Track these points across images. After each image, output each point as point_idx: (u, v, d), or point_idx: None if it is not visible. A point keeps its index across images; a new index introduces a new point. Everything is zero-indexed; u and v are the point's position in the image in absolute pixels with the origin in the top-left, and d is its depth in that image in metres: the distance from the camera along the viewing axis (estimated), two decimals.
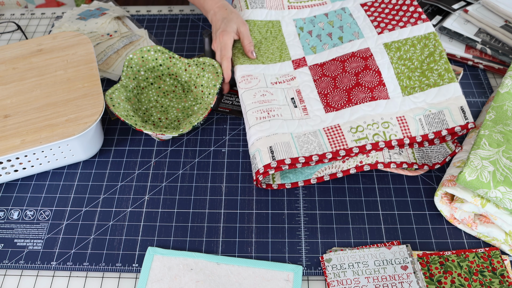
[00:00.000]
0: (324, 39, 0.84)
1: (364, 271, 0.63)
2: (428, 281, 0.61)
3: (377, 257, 0.64)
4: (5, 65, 0.80)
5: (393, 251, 0.64)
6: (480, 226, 0.65)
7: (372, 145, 0.68)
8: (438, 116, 0.70)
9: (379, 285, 0.61)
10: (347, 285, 0.62)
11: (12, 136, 0.68)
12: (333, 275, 0.63)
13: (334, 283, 0.62)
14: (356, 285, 0.62)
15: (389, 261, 0.64)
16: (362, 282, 0.62)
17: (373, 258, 0.64)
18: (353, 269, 0.63)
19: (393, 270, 0.63)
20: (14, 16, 1.06)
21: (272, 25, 0.87)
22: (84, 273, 0.65)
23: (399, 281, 0.61)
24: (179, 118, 0.81)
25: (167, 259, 0.65)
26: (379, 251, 0.65)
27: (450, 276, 0.61)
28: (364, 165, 0.70)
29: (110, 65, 0.89)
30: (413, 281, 0.61)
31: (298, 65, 0.81)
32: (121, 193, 0.73)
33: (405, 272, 0.62)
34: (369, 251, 0.65)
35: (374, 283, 0.62)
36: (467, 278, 0.61)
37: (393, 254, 0.64)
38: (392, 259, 0.64)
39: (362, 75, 0.77)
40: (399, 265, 0.63)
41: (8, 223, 0.70)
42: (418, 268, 0.63)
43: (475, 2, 0.97)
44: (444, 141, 0.71)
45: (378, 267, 0.63)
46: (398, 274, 0.62)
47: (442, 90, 0.73)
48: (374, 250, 0.65)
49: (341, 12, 0.87)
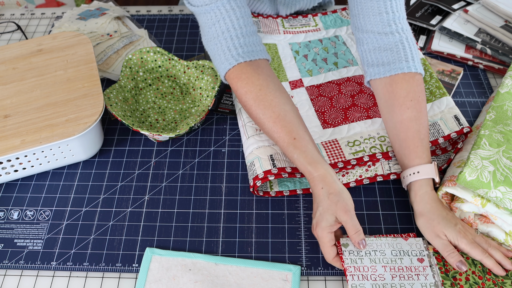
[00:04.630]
0: (319, 64, 0.87)
1: (381, 259, 0.62)
2: (444, 276, 0.61)
3: (394, 247, 0.64)
4: (5, 65, 0.80)
5: (409, 242, 0.64)
6: (480, 226, 0.65)
7: (369, 157, 0.70)
8: (434, 126, 0.72)
9: (395, 275, 0.61)
10: (364, 272, 0.61)
11: (12, 136, 0.68)
12: (350, 260, 0.62)
13: (351, 269, 0.61)
14: (373, 273, 0.61)
15: (405, 252, 0.63)
16: (379, 270, 0.61)
17: (390, 248, 0.63)
18: (370, 257, 0.62)
19: (410, 262, 0.62)
20: (14, 16, 1.07)
21: (269, 48, 0.90)
22: (84, 273, 0.65)
23: (415, 273, 0.61)
24: (176, 119, 0.81)
25: (166, 260, 0.65)
26: (396, 241, 0.64)
27: (464, 273, 0.61)
28: (364, 178, 0.71)
29: (110, 65, 0.89)
30: (429, 274, 0.61)
31: (295, 86, 0.83)
32: (121, 193, 0.73)
33: (421, 264, 0.62)
34: (386, 240, 0.64)
35: (391, 272, 0.61)
36: (481, 277, 0.61)
37: (410, 245, 0.64)
38: (409, 251, 0.63)
39: (358, 97, 0.80)
40: (415, 257, 0.63)
41: (8, 223, 0.70)
42: (434, 262, 0.62)
43: (475, 2, 0.97)
44: (446, 152, 0.72)
45: (395, 257, 0.62)
46: (414, 266, 0.62)
47: (435, 104, 0.75)
48: (391, 240, 0.64)
49: (335, 40, 0.91)
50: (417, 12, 0.98)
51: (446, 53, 0.91)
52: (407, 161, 0.67)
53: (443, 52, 0.91)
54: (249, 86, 0.68)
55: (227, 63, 0.70)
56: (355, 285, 0.60)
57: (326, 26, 0.93)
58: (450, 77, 0.87)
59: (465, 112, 0.83)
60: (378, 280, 0.60)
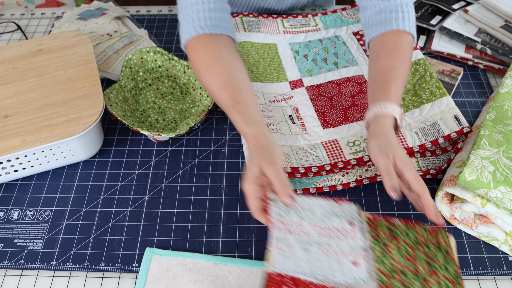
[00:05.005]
0: (319, 64, 0.87)
1: (310, 217, 0.59)
2: (374, 242, 0.59)
3: (325, 208, 0.61)
4: (5, 65, 0.80)
5: (342, 206, 0.62)
6: (480, 226, 0.65)
7: (369, 157, 0.69)
8: (434, 126, 0.72)
9: (322, 233, 0.58)
10: (289, 227, 0.58)
11: (12, 136, 0.68)
12: (276, 214, 0.59)
13: (275, 222, 0.58)
14: (298, 228, 0.58)
15: (336, 214, 0.60)
16: (306, 227, 0.58)
17: (321, 208, 0.61)
18: (297, 213, 0.59)
19: (340, 224, 0.59)
20: (14, 16, 1.07)
21: (269, 48, 0.90)
22: (84, 273, 0.65)
23: (343, 234, 0.59)
24: (176, 119, 0.81)
25: (165, 260, 0.65)
26: (328, 203, 0.61)
27: (396, 241, 0.59)
28: (364, 178, 0.71)
29: (110, 65, 0.89)
30: (359, 238, 0.59)
31: (295, 85, 0.83)
32: (121, 193, 0.73)
33: (351, 228, 0.60)
34: (318, 201, 0.61)
35: (318, 230, 0.58)
36: (413, 248, 0.59)
37: (342, 209, 0.61)
38: (340, 214, 0.61)
39: (358, 97, 0.80)
40: (346, 220, 0.60)
41: (8, 223, 0.70)
42: (366, 228, 0.60)
43: (475, 2, 0.97)
44: (446, 152, 0.72)
45: (324, 217, 0.60)
46: (344, 228, 0.59)
47: (435, 104, 0.75)
48: (323, 201, 0.61)
49: (335, 40, 0.91)
50: (417, 12, 0.98)
51: (446, 53, 0.91)
52: (377, 98, 0.67)
53: (443, 52, 0.91)
54: (201, 55, 0.69)
55: (188, 33, 0.71)
56: (278, 238, 0.57)
57: (326, 26, 0.94)
58: (450, 77, 0.87)
59: (465, 112, 0.83)
60: (303, 236, 0.58)
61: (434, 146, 0.73)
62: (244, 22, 0.93)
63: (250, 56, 0.86)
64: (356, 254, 0.57)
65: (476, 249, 0.66)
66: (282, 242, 0.57)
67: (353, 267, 0.56)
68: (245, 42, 0.88)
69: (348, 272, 0.56)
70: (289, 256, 0.56)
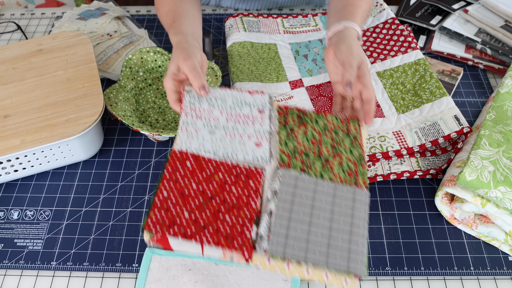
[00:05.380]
0: (319, 64, 0.87)
1: (221, 105, 0.64)
2: (281, 127, 0.63)
3: (237, 98, 0.66)
4: (5, 65, 0.80)
5: (254, 96, 0.66)
6: (480, 226, 0.65)
7: (369, 157, 0.69)
8: (434, 126, 0.72)
9: (231, 119, 0.63)
10: (199, 113, 0.63)
11: (12, 136, 0.68)
12: (188, 102, 0.64)
13: (186, 109, 0.63)
14: (208, 114, 0.63)
15: (247, 103, 0.65)
16: (215, 113, 0.63)
17: (233, 98, 0.65)
18: (209, 102, 0.65)
19: (249, 111, 0.64)
20: (14, 16, 1.07)
21: (269, 47, 0.90)
22: (84, 273, 0.65)
23: (251, 120, 0.63)
24: (176, 119, 0.81)
25: (165, 260, 0.65)
26: (241, 94, 0.66)
27: (304, 128, 0.63)
28: None
29: (110, 65, 0.89)
30: (266, 124, 0.63)
31: (295, 86, 0.83)
32: (121, 193, 0.73)
33: (260, 115, 0.63)
34: (231, 92, 0.66)
35: (227, 117, 0.63)
36: (320, 133, 0.63)
37: (254, 99, 0.65)
38: (251, 103, 0.65)
39: None
40: (256, 108, 0.64)
41: (8, 223, 0.70)
42: (275, 115, 0.65)
43: (475, 2, 0.97)
44: (446, 152, 0.72)
45: (235, 105, 0.65)
46: (253, 115, 0.64)
47: (435, 104, 0.75)
48: (237, 93, 0.66)
49: None
50: (417, 12, 0.98)
51: (446, 53, 0.91)
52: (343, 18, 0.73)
53: (443, 52, 0.91)
54: None
55: None
56: (187, 122, 0.62)
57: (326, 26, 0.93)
58: (450, 77, 0.87)
59: (465, 112, 0.83)
60: (211, 121, 0.62)
61: (434, 146, 0.73)
62: (244, 22, 0.93)
63: (250, 56, 0.86)
64: (261, 137, 0.61)
65: (476, 249, 0.66)
66: (190, 126, 0.62)
67: (256, 147, 0.61)
68: (245, 42, 0.89)
69: (250, 151, 0.61)
70: (195, 137, 0.61)
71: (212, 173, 0.58)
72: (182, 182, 0.57)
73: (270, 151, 0.61)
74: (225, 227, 0.54)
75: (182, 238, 0.53)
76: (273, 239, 0.54)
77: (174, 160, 0.58)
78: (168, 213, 0.54)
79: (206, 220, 0.54)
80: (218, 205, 0.56)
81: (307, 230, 0.54)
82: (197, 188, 0.56)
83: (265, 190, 0.58)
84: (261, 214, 0.56)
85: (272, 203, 0.57)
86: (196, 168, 0.58)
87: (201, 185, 0.57)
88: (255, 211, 0.56)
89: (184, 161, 0.58)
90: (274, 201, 0.57)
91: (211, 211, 0.55)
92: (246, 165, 0.59)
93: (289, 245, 0.53)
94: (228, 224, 0.54)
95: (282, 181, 0.58)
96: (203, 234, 0.53)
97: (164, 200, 0.55)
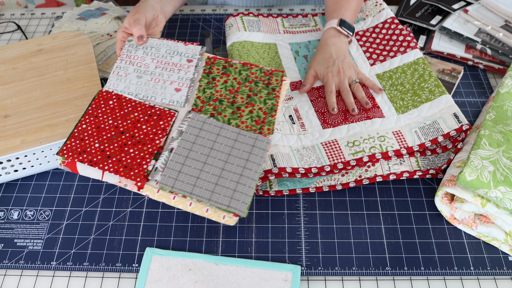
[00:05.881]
0: None
1: (154, 54, 0.73)
2: (204, 75, 0.71)
3: (171, 48, 0.74)
4: (5, 65, 0.80)
5: (188, 47, 0.73)
6: (480, 226, 0.65)
7: (369, 157, 0.69)
8: (433, 125, 0.72)
9: (159, 66, 0.71)
10: (133, 60, 0.72)
11: (12, 136, 0.68)
12: (127, 50, 0.73)
13: (123, 56, 0.73)
14: (140, 61, 0.72)
15: (179, 53, 0.73)
16: (147, 61, 0.72)
17: (167, 48, 0.74)
18: (145, 50, 0.73)
19: (179, 60, 0.72)
20: (14, 16, 1.07)
21: (269, 47, 0.90)
22: (84, 273, 0.65)
23: (178, 68, 0.71)
24: None
25: (166, 260, 0.65)
26: (176, 45, 0.74)
27: (226, 77, 0.69)
28: (363, 179, 0.71)
29: (110, 65, 0.89)
30: (190, 72, 0.71)
31: (295, 87, 0.83)
32: (121, 193, 0.73)
33: (188, 64, 0.72)
34: (167, 42, 0.74)
35: (157, 64, 0.72)
36: (240, 83, 0.69)
37: (186, 49, 0.73)
38: (183, 53, 0.73)
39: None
40: (186, 58, 0.72)
41: (8, 223, 0.70)
42: (202, 64, 0.72)
43: (475, 2, 0.97)
44: (447, 150, 0.72)
45: (167, 54, 0.73)
46: (181, 63, 0.72)
47: (434, 103, 0.75)
48: (172, 43, 0.74)
49: None
50: (417, 12, 0.98)
51: (446, 53, 0.91)
52: (335, 16, 0.85)
53: (443, 52, 0.91)
54: None
55: None
56: (120, 66, 0.71)
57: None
58: (450, 76, 0.87)
59: (465, 112, 0.83)
60: (142, 67, 0.71)
61: (434, 144, 0.73)
62: (244, 22, 0.93)
63: (250, 55, 0.86)
64: (182, 83, 0.69)
65: (476, 249, 0.66)
66: (122, 70, 0.71)
67: (175, 92, 0.69)
68: (245, 41, 0.89)
69: (168, 96, 0.68)
70: (123, 80, 0.70)
71: (129, 112, 0.66)
72: (101, 117, 0.65)
73: (187, 96, 0.68)
74: (127, 158, 0.62)
75: (88, 164, 0.61)
76: (166, 172, 0.60)
77: (99, 99, 0.67)
78: (82, 143, 0.62)
79: (112, 151, 0.62)
80: (127, 139, 0.63)
81: (200, 169, 0.60)
82: (112, 123, 0.64)
83: (172, 130, 0.65)
84: (162, 150, 0.63)
85: (175, 142, 0.63)
86: (117, 107, 0.66)
87: (116, 122, 0.65)
88: (157, 147, 0.63)
89: (107, 100, 0.66)
90: (178, 140, 0.63)
91: (119, 144, 0.63)
92: (162, 107, 0.67)
93: (179, 180, 0.59)
94: (131, 156, 0.62)
95: (190, 123, 0.65)
96: (106, 163, 0.61)
97: (82, 132, 0.63)
